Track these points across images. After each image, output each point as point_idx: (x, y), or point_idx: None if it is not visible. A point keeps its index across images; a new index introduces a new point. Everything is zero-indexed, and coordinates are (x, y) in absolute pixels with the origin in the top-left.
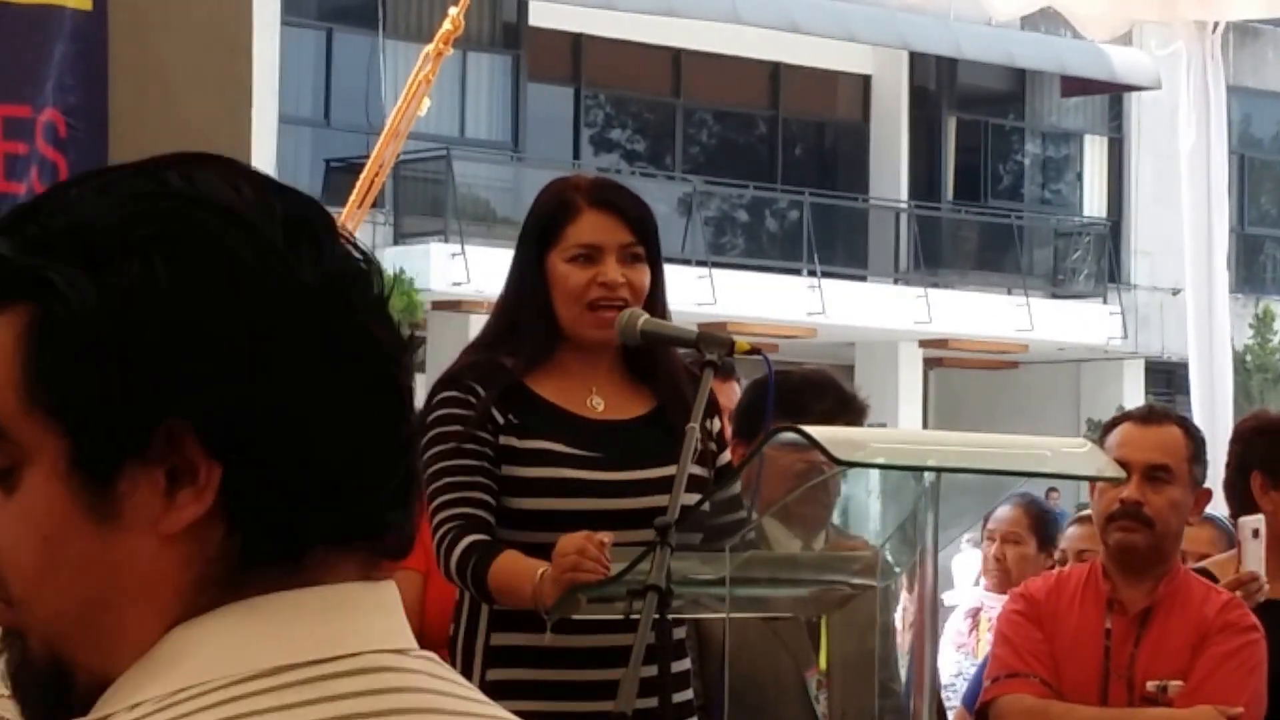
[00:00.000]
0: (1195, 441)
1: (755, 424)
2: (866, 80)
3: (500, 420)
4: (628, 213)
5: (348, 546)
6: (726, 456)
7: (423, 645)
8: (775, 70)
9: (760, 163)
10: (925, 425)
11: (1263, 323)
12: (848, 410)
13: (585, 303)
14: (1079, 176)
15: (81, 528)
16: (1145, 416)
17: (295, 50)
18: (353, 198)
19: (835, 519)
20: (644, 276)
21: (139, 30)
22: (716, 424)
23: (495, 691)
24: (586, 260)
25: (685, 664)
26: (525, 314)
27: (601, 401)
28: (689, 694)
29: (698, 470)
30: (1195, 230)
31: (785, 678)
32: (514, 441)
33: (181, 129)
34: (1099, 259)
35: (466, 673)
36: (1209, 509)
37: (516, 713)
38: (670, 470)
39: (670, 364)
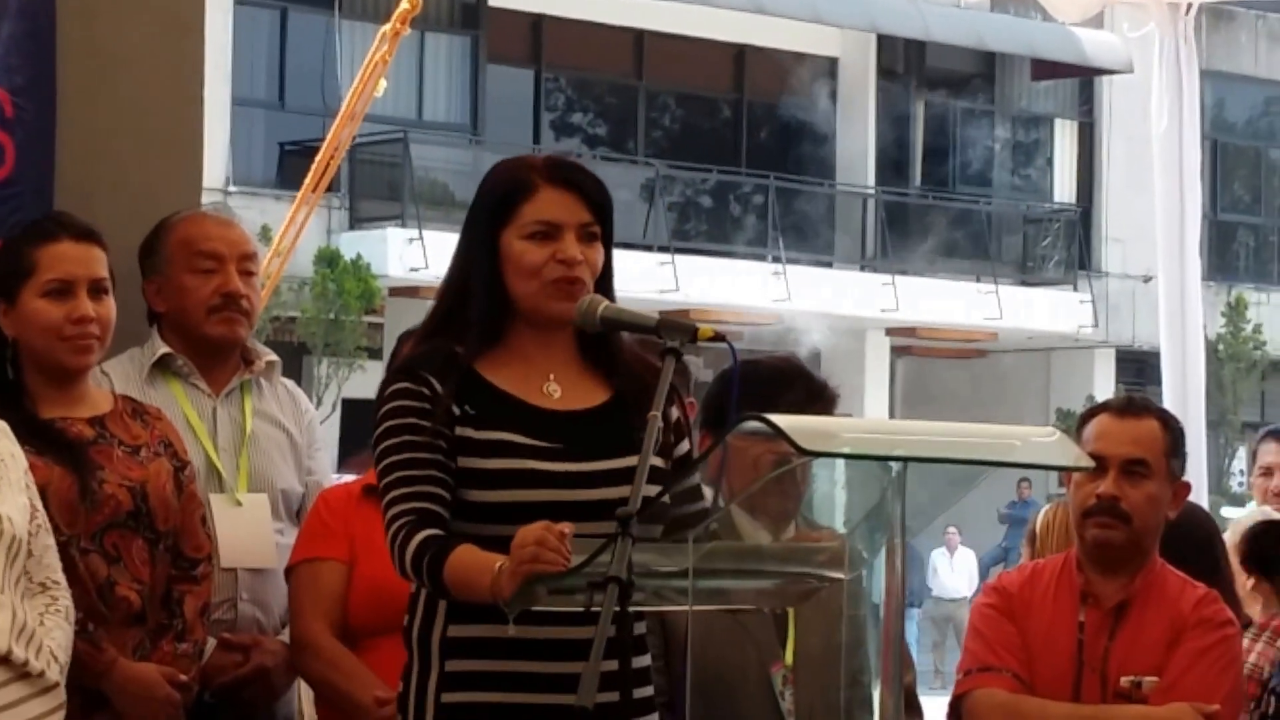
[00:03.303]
0: (1174, 434)
1: (722, 414)
2: (833, 63)
3: (456, 411)
4: (587, 192)
5: None
6: (685, 447)
7: (350, 635)
8: (740, 52)
9: (724, 147)
10: (892, 414)
11: (1235, 311)
12: (818, 400)
13: (544, 280)
14: (1049, 161)
15: None
16: (1123, 408)
17: (248, 30)
18: (307, 181)
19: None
20: (600, 257)
21: (88, 9)
22: (675, 413)
23: (454, 683)
24: (544, 237)
25: (645, 659)
26: (475, 294)
27: (558, 389)
28: (649, 690)
29: (656, 461)
30: (1167, 216)
31: (750, 672)
32: (471, 433)
33: (132, 111)
34: (1069, 246)
35: (424, 664)
36: None
37: (476, 704)
38: (630, 461)
39: (626, 351)
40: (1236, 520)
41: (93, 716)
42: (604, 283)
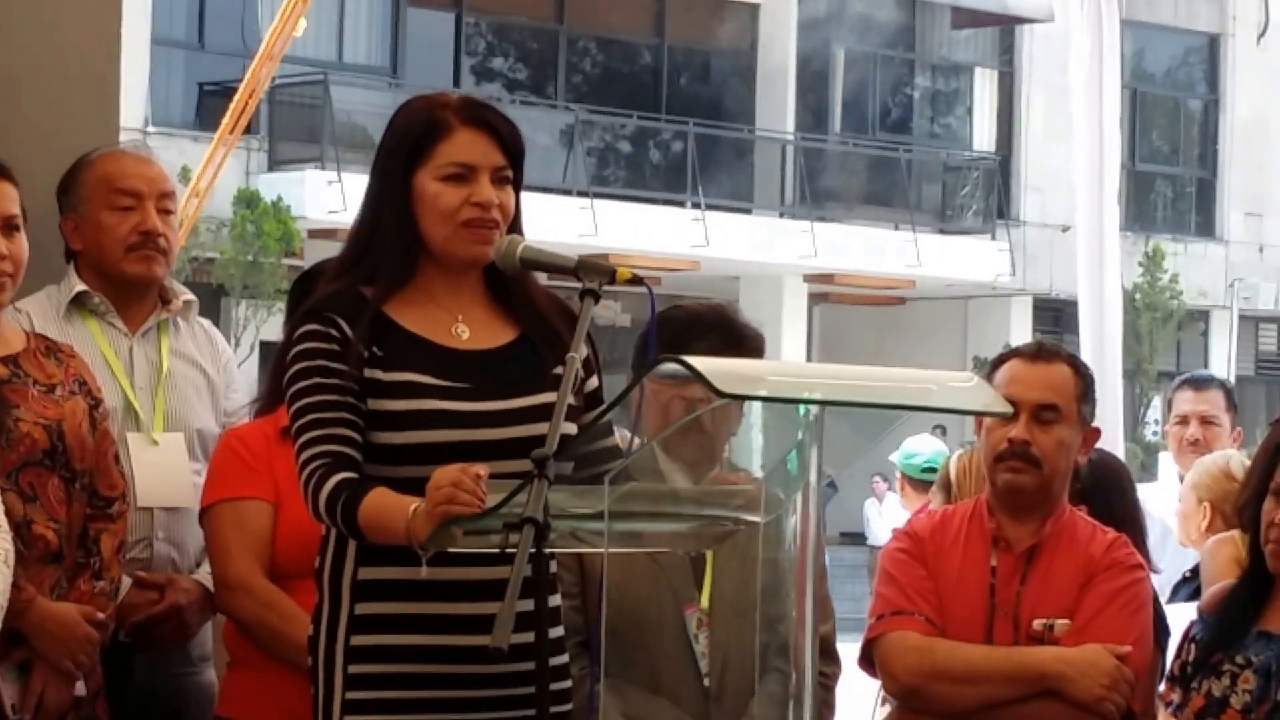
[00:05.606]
0: (1085, 380)
1: (641, 358)
2: (754, 9)
3: (364, 353)
4: (502, 135)
5: None
6: (595, 383)
7: (274, 577)
8: None
9: (644, 92)
10: (809, 362)
11: (1152, 261)
12: (735, 347)
13: (458, 222)
14: (969, 110)
15: None
16: (1034, 354)
17: None
18: (226, 122)
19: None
20: (512, 200)
21: None
22: (585, 350)
23: (364, 626)
24: (459, 179)
25: (556, 599)
26: (387, 234)
27: (467, 329)
28: (560, 630)
29: (569, 399)
30: (1087, 166)
31: (666, 614)
32: (378, 374)
33: (50, 50)
34: (988, 195)
35: (334, 606)
36: None
37: (388, 646)
38: (540, 398)
39: (531, 290)
40: (1199, 463)
41: (10, 655)
42: (514, 227)
